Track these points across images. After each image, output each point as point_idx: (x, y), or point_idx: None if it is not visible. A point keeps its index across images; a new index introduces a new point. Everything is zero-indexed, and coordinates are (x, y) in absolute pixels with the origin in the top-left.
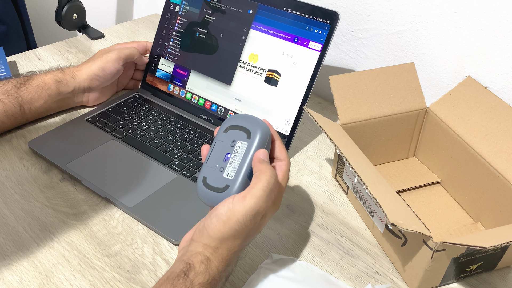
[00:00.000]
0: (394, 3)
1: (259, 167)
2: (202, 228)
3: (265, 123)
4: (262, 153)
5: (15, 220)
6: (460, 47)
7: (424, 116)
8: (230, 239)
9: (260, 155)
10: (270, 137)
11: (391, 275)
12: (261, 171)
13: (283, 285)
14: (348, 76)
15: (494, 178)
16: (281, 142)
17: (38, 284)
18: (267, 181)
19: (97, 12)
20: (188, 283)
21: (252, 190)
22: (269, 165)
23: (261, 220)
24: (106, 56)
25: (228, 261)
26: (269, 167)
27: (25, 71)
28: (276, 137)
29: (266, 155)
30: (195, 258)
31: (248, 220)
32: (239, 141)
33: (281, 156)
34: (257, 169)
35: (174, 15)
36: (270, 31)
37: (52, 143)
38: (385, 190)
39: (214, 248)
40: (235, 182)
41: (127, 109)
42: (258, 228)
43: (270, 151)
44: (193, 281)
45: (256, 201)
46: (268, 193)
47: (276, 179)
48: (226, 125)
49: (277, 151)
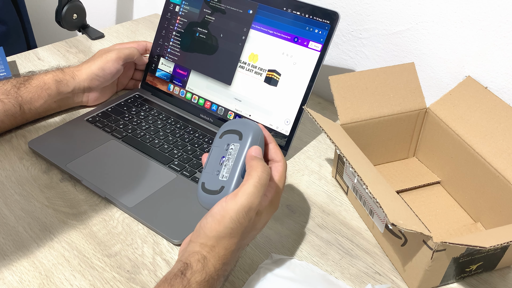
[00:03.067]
0: (394, 3)
1: (251, 163)
2: (199, 228)
3: (257, 124)
4: (254, 150)
5: (15, 220)
6: (460, 47)
7: (424, 116)
8: (226, 238)
9: (252, 152)
10: (263, 137)
11: (391, 275)
12: (252, 167)
13: (283, 285)
14: (348, 76)
15: (494, 178)
16: (276, 145)
17: (38, 284)
18: (258, 176)
19: (97, 12)
20: (185, 281)
21: (243, 187)
22: (260, 161)
23: (257, 217)
24: (106, 56)
25: (226, 260)
26: (260, 163)
27: (25, 71)
28: (271, 139)
29: (258, 151)
30: (192, 258)
31: (241, 217)
32: (232, 143)
33: (276, 158)
34: (249, 166)
35: (174, 15)
36: (270, 31)
37: (52, 143)
38: (385, 190)
39: (210, 247)
40: (230, 183)
41: (127, 109)
42: (254, 226)
43: (265, 154)
44: (190, 280)
45: (247, 197)
46: (259, 188)
47: (269, 173)
48: (221, 131)
49: (272, 153)
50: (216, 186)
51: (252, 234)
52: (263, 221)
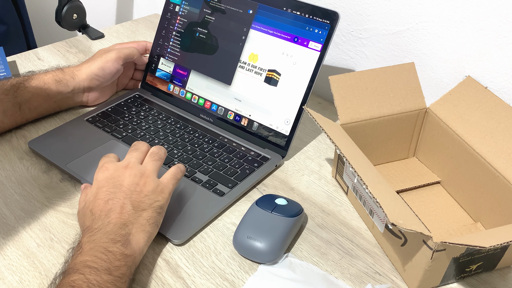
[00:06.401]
0: (394, 3)
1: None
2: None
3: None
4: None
5: (15, 220)
6: (460, 47)
7: (424, 116)
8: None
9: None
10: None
11: (391, 275)
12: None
13: (283, 285)
14: (348, 76)
15: (494, 178)
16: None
17: (38, 284)
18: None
19: (97, 12)
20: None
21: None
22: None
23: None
24: (106, 56)
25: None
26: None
27: (25, 71)
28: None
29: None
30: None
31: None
32: None
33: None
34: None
35: (174, 15)
36: (270, 31)
37: (52, 143)
38: (385, 190)
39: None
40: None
41: (127, 109)
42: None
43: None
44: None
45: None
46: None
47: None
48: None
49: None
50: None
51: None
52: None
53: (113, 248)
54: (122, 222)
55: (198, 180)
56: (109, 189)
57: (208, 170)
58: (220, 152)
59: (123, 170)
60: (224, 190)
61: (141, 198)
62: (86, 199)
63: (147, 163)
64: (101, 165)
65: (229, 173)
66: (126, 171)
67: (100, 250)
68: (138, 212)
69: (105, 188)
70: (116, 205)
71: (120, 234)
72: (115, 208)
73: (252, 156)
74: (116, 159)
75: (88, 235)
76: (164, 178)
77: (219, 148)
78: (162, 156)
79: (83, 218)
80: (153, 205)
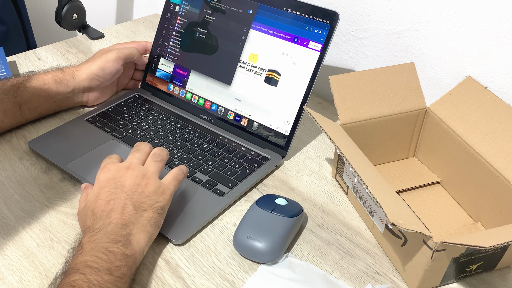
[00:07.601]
0: (394, 3)
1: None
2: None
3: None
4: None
5: (15, 220)
6: (460, 47)
7: (424, 116)
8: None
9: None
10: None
11: (391, 275)
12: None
13: (283, 285)
14: (348, 76)
15: (494, 178)
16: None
17: (38, 284)
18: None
19: (97, 12)
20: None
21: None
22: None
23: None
24: (106, 56)
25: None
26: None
27: (25, 71)
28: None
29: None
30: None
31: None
32: None
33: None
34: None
35: (174, 15)
36: (270, 31)
37: (52, 143)
38: (385, 190)
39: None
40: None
41: (127, 109)
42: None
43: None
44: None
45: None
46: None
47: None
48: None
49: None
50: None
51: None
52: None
53: (114, 248)
54: (123, 222)
55: (198, 180)
56: (111, 190)
57: (208, 170)
58: (220, 152)
59: (125, 171)
60: (224, 190)
61: (142, 198)
62: (87, 199)
63: (149, 164)
64: (104, 165)
65: (229, 173)
66: (128, 172)
67: (101, 250)
68: (139, 213)
69: (107, 189)
70: (117, 205)
71: (121, 235)
72: (116, 209)
73: (252, 156)
74: (118, 160)
75: (89, 235)
76: (166, 180)
77: (219, 148)
78: (164, 157)
79: (84, 218)
80: (154, 206)
